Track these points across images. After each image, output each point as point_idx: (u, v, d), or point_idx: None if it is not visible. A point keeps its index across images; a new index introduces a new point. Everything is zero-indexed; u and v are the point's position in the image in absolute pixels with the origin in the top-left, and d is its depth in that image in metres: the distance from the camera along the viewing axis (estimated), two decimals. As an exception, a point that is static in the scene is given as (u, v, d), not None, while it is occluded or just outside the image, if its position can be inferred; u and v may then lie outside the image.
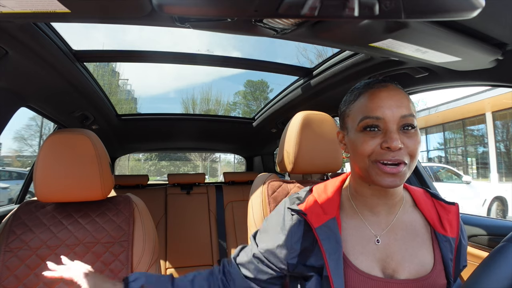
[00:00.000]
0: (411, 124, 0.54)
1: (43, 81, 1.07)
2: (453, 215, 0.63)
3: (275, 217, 0.68)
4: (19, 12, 0.55)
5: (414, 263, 0.58)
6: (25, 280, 0.83)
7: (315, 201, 0.65)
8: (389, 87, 0.57)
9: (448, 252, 0.59)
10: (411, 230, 0.61)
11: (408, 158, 0.53)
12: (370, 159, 0.54)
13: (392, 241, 0.59)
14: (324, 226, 0.60)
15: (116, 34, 29.03)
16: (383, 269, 0.58)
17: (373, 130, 0.55)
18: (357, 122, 0.57)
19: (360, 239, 0.60)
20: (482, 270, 0.45)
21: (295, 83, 1.54)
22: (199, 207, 2.23)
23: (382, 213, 0.61)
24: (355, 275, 0.57)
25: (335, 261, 0.57)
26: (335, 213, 0.61)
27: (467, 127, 9.87)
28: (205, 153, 15.35)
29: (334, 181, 0.70)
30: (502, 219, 4.32)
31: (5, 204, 1.80)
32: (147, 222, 0.97)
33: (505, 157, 8.64)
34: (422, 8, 0.43)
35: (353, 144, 0.57)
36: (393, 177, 0.52)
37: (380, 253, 0.59)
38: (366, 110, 0.56)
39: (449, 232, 0.60)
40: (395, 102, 0.54)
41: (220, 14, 0.49)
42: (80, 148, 0.88)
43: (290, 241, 0.62)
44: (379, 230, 0.60)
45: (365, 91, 0.58)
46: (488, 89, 7.13)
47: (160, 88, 28.54)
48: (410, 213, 0.63)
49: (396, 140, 0.52)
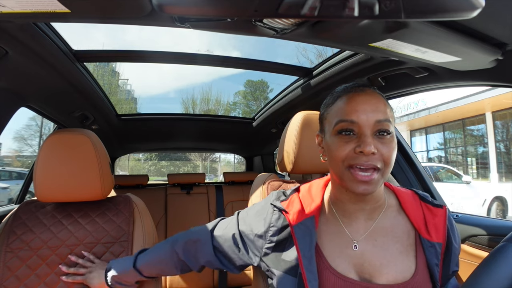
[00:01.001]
0: (386, 129, 0.54)
1: (43, 81, 1.07)
2: (439, 218, 0.61)
3: (260, 207, 0.71)
4: (19, 12, 0.55)
5: (392, 269, 0.57)
6: (26, 280, 0.83)
7: (299, 200, 0.66)
8: (366, 91, 0.57)
9: (433, 257, 0.58)
10: (391, 236, 0.60)
11: (381, 163, 0.53)
12: (344, 164, 0.55)
13: (370, 247, 0.59)
14: (302, 224, 0.61)
15: (116, 34, 29.01)
16: (359, 273, 0.57)
17: (347, 134, 0.55)
18: (333, 125, 0.57)
19: (338, 244, 0.60)
20: (482, 270, 0.45)
21: (295, 83, 1.54)
22: (199, 207, 2.23)
23: (360, 218, 0.61)
24: (332, 276, 0.57)
25: (309, 259, 0.57)
26: (314, 213, 0.62)
27: (467, 127, 9.87)
28: (205, 153, 15.35)
29: (319, 182, 0.70)
30: (502, 219, 4.32)
31: (5, 204, 1.80)
32: (147, 222, 0.97)
33: (505, 157, 8.64)
34: (422, 8, 0.43)
35: (329, 148, 0.58)
36: (365, 185, 0.53)
37: (357, 259, 0.58)
38: (341, 114, 0.56)
39: (434, 237, 0.59)
40: (370, 107, 0.54)
41: (220, 14, 0.49)
42: (80, 148, 0.88)
43: (267, 233, 0.65)
44: (357, 235, 0.60)
45: (343, 95, 0.58)
46: (488, 89, 7.13)
47: (160, 88, 28.58)
48: (392, 218, 0.62)
49: (369, 145, 0.52)
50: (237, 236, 0.69)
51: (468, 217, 1.13)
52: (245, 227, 0.69)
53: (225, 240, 0.71)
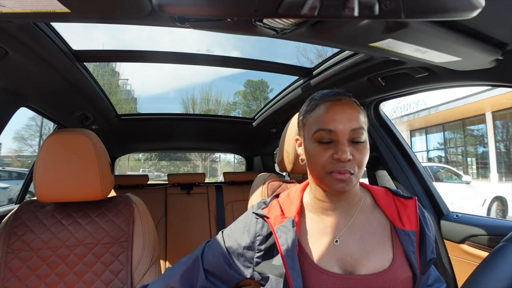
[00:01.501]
0: (360, 136, 0.59)
1: (43, 81, 1.07)
2: (410, 209, 0.65)
3: (242, 220, 0.73)
4: (19, 12, 0.55)
5: (371, 259, 0.61)
6: (27, 281, 0.83)
7: (278, 205, 0.70)
8: (342, 101, 0.61)
9: (409, 245, 0.62)
10: (369, 229, 0.64)
11: (355, 168, 0.59)
12: (324, 170, 0.59)
13: (350, 241, 0.63)
14: (282, 226, 0.64)
15: (116, 34, 29.03)
16: (342, 267, 0.61)
17: (325, 143, 0.60)
18: (312, 132, 0.62)
19: (320, 241, 0.64)
20: (482, 270, 0.45)
21: (295, 83, 1.54)
22: (199, 207, 2.22)
23: (339, 215, 0.65)
24: (316, 272, 0.60)
25: (291, 257, 0.60)
26: (294, 215, 0.66)
27: (467, 127, 9.87)
28: (205, 153, 15.35)
29: (296, 187, 0.75)
30: (502, 219, 4.32)
31: (5, 204, 1.80)
32: (147, 222, 0.97)
33: (505, 157, 8.64)
34: (422, 8, 0.43)
35: (309, 154, 0.63)
36: (342, 183, 0.58)
37: (339, 253, 0.62)
38: (320, 122, 0.60)
39: (408, 226, 0.63)
40: (346, 116, 0.59)
41: (220, 14, 0.49)
42: (80, 148, 0.88)
43: (255, 243, 0.67)
44: (338, 231, 0.64)
45: (321, 103, 0.63)
46: (488, 89, 7.13)
47: (160, 88, 28.58)
48: (368, 213, 0.67)
49: (345, 153, 0.57)
50: (226, 253, 0.69)
51: (468, 217, 1.13)
52: (232, 243, 0.70)
53: (214, 261, 0.70)
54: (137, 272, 0.89)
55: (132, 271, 0.89)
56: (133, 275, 0.89)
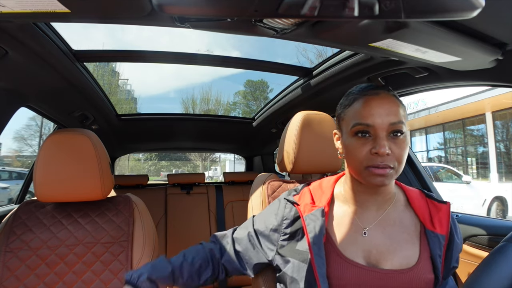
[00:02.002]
0: (399, 130, 0.59)
1: (43, 81, 1.07)
2: (443, 213, 0.65)
3: (272, 205, 0.77)
4: (19, 12, 0.55)
5: (398, 255, 0.61)
6: (26, 280, 0.83)
7: (309, 193, 0.72)
8: (381, 95, 0.61)
9: (437, 248, 0.62)
10: (399, 226, 0.64)
11: (395, 163, 0.58)
12: (363, 165, 0.59)
13: (378, 234, 0.64)
14: (312, 215, 0.66)
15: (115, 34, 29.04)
16: (366, 258, 0.62)
17: (364, 136, 0.60)
18: (350, 126, 0.62)
19: (348, 230, 0.65)
20: (482, 270, 0.45)
21: (295, 83, 1.54)
22: (199, 207, 2.22)
23: (371, 208, 0.66)
24: (340, 260, 0.62)
25: (317, 245, 0.62)
26: (324, 205, 0.67)
27: (467, 127, 9.86)
28: (205, 153, 15.35)
29: (329, 179, 0.76)
30: (502, 219, 4.32)
31: (5, 204, 1.80)
32: (147, 222, 0.97)
33: (505, 157, 8.64)
34: (422, 8, 0.43)
35: (347, 148, 0.63)
36: (381, 177, 0.58)
37: (365, 244, 0.63)
38: (358, 117, 0.60)
39: (438, 229, 0.63)
40: (384, 110, 0.59)
41: (220, 14, 0.49)
42: (80, 148, 0.88)
43: (281, 225, 0.70)
44: (367, 223, 0.65)
45: (359, 97, 0.62)
46: (488, 89, 7.13)
47: (160, 88, 28.60)
48: (400, 211, 0.67)
49: (384, 147, 0.57)
50: (253, 234, 0.74)
51: (468, 217, 1.13)
52: (260, 225, 0.74)
53: (242, 240, 0.76)
54: None
55: (132, 271, 0.89)
56: (133, 275, 0.89)
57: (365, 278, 0.60)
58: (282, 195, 0.77)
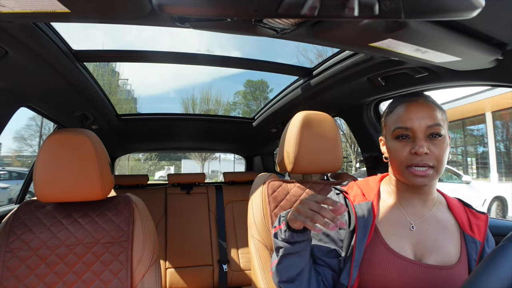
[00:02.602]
0: (437, 132, 0.64)
1: (43, 81, 1.07)
2: (482, 221, 0.69)
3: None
4: (19, 12, 0.55)
5: (441, 252, 0.65)
6: (26, 280, 0.83)
7: (358, 187, 0.77)
8: (418, 101, 0.67)
9: (473, 252, 0.65)
10: (442, 226, 0.68)
11: (435, 162, 0.63)
12: (403, 165, 0.65)
13: (424, 230, 0.67)
14: (361, 205, 0.70)
15: (115, 33, 29.04)
16: (413, 252, 0.65)
17: (404, 139, 0.66)
18: (391, 131, 0.68)
19: (396, 223, 0.69)
20: (482, 270, 0.45)
21: (295, 83, 1.54)
22: (199, 207, 2.22)
23: (417, 205, 0.70)
24: (387, 252, 0.65)
25: (363, 234, 0.66)
26: (372, 198, 0.72)
27: (467, 127, 9.86)
28: (205, 153, 15.35)
29: (374, 178, 0.80)
30: (502, 219, 4.32)
31: (5, 204, 1.80)
32: (147, 222, 0.97)
33: (505, 157, 8.63)
34: (422, 8, 0.43)
35: (390, 150, 0.69)
36: (422, 178, 0.63)
37: (413, 238, 0.67)
38: (398, 121, 0.67)
39: (477, 235, 0.67)
40: (422, 114, 0.65)
41: (220, 14, 0.49)
42: (80, 148, 0.88)
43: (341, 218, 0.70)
44: (414, 219, 0.69)
45: (399, 104, 0.70)
46: (488, 89, 7.12)
47: (160, 88, 28.59)
48: (443, 212, 0.71)
49: (422, 147, 0.62)
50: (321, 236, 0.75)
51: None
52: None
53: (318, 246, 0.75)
54: (137, 272, 0.89)
55: (132, 271, 0.89)
56: (133, 275, 0.89)
57: (408, 270, 0.63)
58: (331, 193, 0.81)
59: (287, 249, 0.64)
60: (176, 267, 1.98)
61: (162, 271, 1.93)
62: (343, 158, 0.95)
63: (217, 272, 2.02)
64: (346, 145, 12.11)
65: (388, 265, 0.64)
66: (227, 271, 2.00)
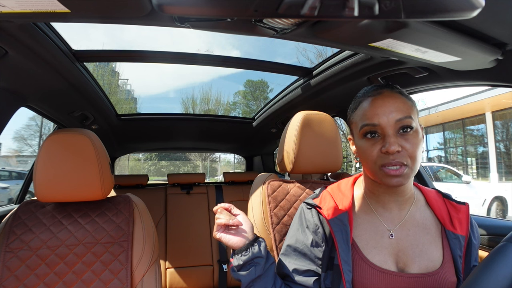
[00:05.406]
0: (408, 125, 0.58)
1: (43, 81, 1.07)
2: (463, 214, 0.65)
3: (295, 223, 0.73)
4: (19, 12, 0.55)
5: (424, 258, 0.61)
6: (26, 280, 0.83)
7: (330, 196, 0.70)
8: (384, 93, 0.61)
9: (457, 249, 0.62)
10: (422, 227, 0.64)
11: (408, 159, 0.57)
12: (377, 165, 0.59)
13: (404, 236, 0.63)
14: (336, 219, 0.65)
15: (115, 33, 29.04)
16: (395, 263, 0.61)
17: (373, 137, 0.60)
18: (359, 129, 0.63)
19: (374, 234, 0.64)
20: (482, 270, 0.45)
21: (295, 83, 1.54)
22: (199, 207, 2.22)
23: (394, 209, 0.65)
24: (368, 268, 0.61)
25: (345, 251, 0.61)
26: (347, 209, 0.66)
27: (467, 127, 9.87)
28: (205, 153, 15.35)
29: (347, 181, 0.75)
30: (502, 219, 4.32)
31: (5, 204, 1.80)
32: (147, 222, 0.97)
33: (505, 157, 8.64)
34: (422, 8, 0.43)
35: (360, 150, 0.63)
36: (397, 178, 0.57)
37: (393, 247, 0.62)
38: (364, 118, 0.61)
39: (459, 230, 0.63)
40: (389, 108, 0.59)
41: (220, 14, 0.49)
42: (80, 148, 0.88)
43: (317, 235, 0.68)
44: (392, 225, 0.64)
45: (363, 99, 0.63)
46: (488, 89, 7.13)
47: (159, 88, 28.59)
48: (422, 211, 0.67)
49: (393, 145, 0.56)
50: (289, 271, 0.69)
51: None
52: (299, 245, 0.70)
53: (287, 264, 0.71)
54: (137, 272, 0.89)
55: (132, 271, 0.89)
56: (133, 275, 0.89)
57: (392, 283, 0.59)
58: (299, 208, 0.74)
59: (249, 275, 0.62)
60: (176, 267, 1.99)
61: (162, 271, 1.93)
62: (343, 158, 0.95)
63: (217, 272, 2.02)
64: (346, 145, 12.12)
65: (371, 281, 0.60)
66: (227, 271, 2.00)
